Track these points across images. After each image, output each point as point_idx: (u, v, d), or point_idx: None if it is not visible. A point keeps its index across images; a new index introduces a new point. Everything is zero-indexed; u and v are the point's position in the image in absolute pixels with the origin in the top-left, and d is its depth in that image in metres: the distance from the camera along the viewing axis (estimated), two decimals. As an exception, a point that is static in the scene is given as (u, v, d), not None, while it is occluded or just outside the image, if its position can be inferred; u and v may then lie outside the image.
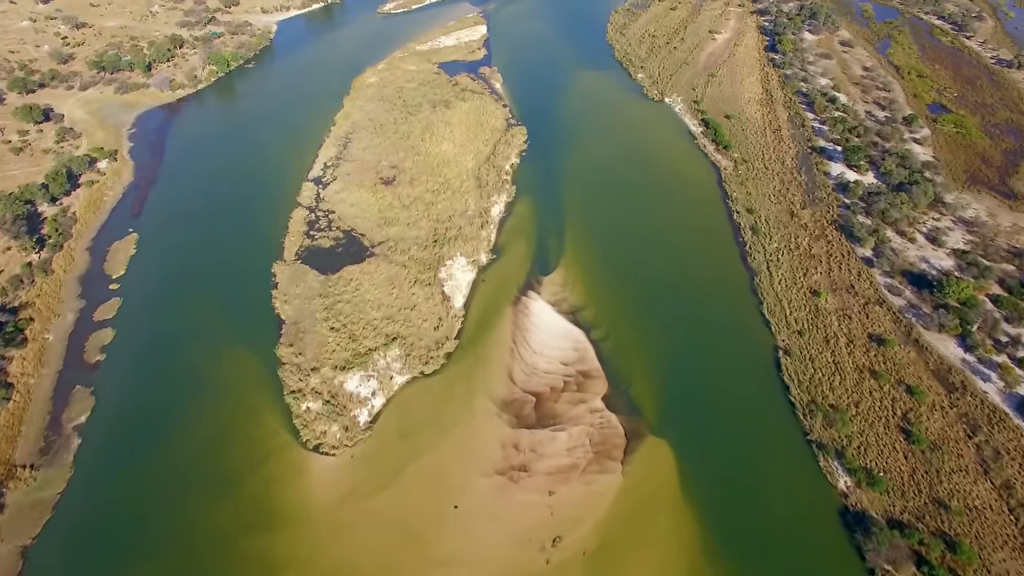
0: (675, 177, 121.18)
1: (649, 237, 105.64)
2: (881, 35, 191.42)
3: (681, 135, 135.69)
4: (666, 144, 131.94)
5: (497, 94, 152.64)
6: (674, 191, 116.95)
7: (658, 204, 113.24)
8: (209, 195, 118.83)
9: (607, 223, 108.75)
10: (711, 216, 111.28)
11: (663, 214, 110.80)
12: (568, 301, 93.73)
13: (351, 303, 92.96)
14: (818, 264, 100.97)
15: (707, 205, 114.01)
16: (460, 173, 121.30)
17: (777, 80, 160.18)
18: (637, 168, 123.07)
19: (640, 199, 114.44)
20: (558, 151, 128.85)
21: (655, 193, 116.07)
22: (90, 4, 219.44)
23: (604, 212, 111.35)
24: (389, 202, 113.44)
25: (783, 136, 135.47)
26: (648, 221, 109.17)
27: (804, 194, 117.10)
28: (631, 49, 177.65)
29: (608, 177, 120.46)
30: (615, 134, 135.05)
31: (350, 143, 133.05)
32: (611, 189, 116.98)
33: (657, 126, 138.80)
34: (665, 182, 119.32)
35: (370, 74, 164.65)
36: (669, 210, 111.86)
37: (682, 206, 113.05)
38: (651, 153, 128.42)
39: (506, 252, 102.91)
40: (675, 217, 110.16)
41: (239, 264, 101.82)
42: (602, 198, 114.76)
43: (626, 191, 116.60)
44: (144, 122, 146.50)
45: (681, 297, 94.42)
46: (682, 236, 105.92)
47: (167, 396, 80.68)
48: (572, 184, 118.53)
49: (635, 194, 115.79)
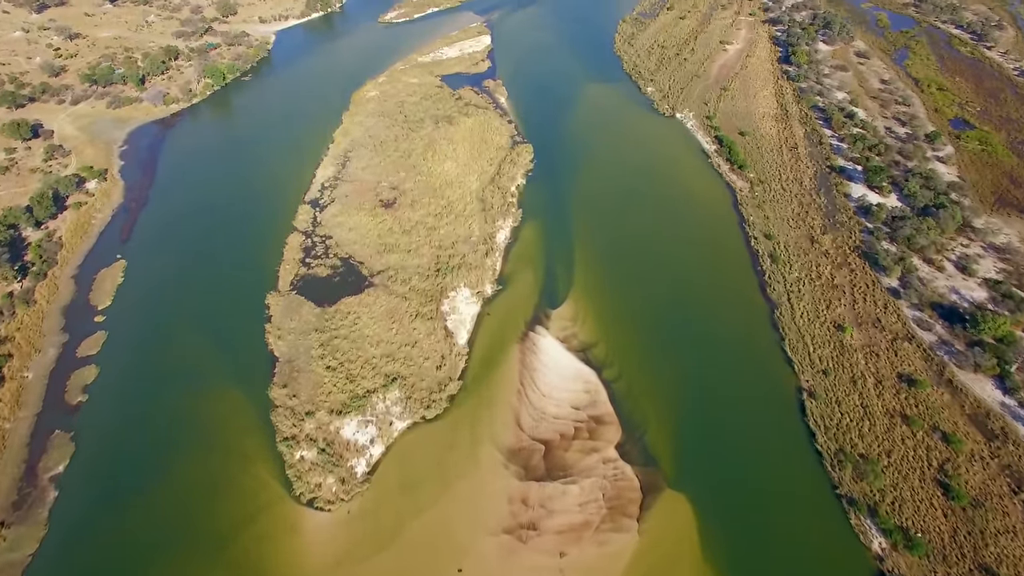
0: (689, 199, 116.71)
1: (663, 266, 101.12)
2: (898, 45, 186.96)
3: (694, 153, 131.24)
4: (679, 163, 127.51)
5: (502, 109, 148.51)
6: (688, 215, 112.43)
7: (672, 229, 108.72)
8: (201, 218, 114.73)
9: (618, 250, 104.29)
10: (727, 242, 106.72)
11: (677, 240, 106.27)
12: (578, 337, 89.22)
13: (349, 339, 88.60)
14: (841, 295, 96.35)
15: (723, 230, 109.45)
16: (463, 195, 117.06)
17: (792, 94, 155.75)
18: (649, 190, 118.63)
19: (653, 224, 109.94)
20: (566, 171, 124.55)
21: (668, 217, 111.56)
22: (85, 14, 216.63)
23: (615, 238, 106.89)
24: (389, 227, 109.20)
25: (800, 154, 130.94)
26: (662, 248, 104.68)
27: (824, 218, 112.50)
28: (640, 61, 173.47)
29: (619, 200, 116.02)
30: (625, 153, 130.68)
31: (349, 162, 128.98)
32: (622, 213, 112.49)
33: (669, 144, 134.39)
34: (679, 205, 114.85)
35: (370, 87, 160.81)
36: (683, 236, 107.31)
37: (697, 232, 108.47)
38: (663, 173, 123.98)
39: (512, 282, 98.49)
40: (690, 244, 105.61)
41: (231, 294, 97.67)
42: (613, 222, 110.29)
43: (638, 215, 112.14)
44: (136, 139, 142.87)
45: (698, 332, 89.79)
46: (698, 265, 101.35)
47: (152, 443, 76.34)
48: (581, 207, 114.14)
49: (648, 218, 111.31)
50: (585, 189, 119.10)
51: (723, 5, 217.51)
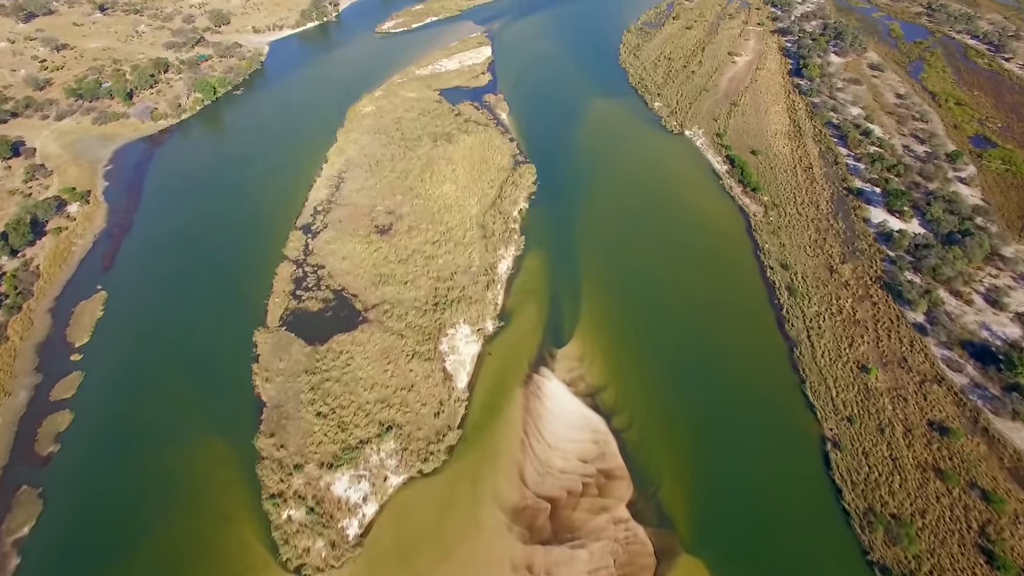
0: (700, 225, 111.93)
1: (674, 299, 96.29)
2: (912, 57, 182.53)
3: (704, 174, 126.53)
4: (689, 184, 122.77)
5: (503, 125, 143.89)
6: (700, 242, 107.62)
7: (683, 258, 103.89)
8: (187, 245, 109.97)
9: (627, 281, 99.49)
10: (742, 272, 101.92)
11: (689, 270, 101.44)
12: (586, 380, 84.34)
13: (341, 382, 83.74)
14: (864, 332, 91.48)
15: (737, 259, 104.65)
16: (463, 220, 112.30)
17: (805, 109, 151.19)
18: (659, 215, 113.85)
19: (663, 252, 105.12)
20: (571, 194, 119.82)
21: (679, 245, 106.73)
22: (73, 24, 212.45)
23: (623, 268, 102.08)
24: (384, 255, 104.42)
25: (815, 175, 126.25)
26: (673, 279, 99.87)
27: (843, 245, 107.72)
28: (646, 73, 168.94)
29: (627, 226, 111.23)
30: (632, 174, 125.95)
31: (343, 183, 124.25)
32: (630, 241, 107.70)
33: (678, 164, 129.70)
34: (690, 231, 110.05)
35: (366, 102, 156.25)
36: (695, 266, 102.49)
37: (710, 261, 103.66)
38: (673, 196, 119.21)
39: (515, 318, 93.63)
40: (702, 274, 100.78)
41: (217, 330, 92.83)
42: (621, 251, 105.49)
43: (647, 242, 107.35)
44: (122, 157, 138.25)
45: (713, 374, 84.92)
46: (711, 298, 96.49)
47: (127, 500, 71.39)
48: (587, 234, 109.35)
49: (657, 246, 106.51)
50: (591, 213, 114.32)
51: (730, 14, 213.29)
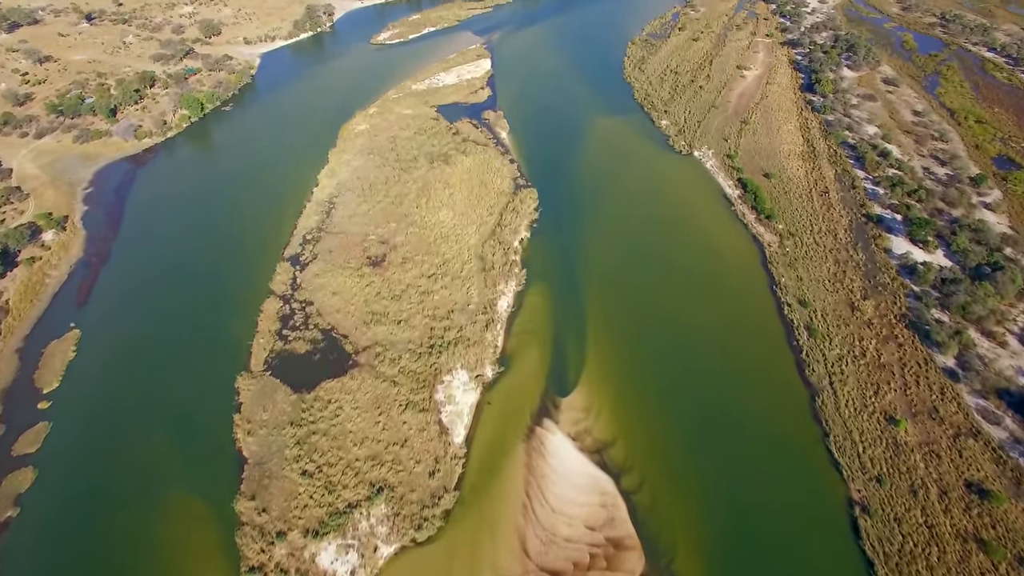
0: (712, 256, 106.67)
1: (686, 340, 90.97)
2: (927, 71, 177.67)
3: (715, 199, 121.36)
4: (699, 211, 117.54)
5: (503, 145, 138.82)
6: (713, 276, 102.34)
7: (694, 294, 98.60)
8: (168, 278, 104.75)
9: (635, 321, 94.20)
10: (758, 310, 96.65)
11: (701, 308, 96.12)
12: (592, 434, 78.92)
13: (329, 435, 78.37)
14: (891, 377, 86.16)
15: (752, 295, 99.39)
16: (461, 251, 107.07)
17: (818, 128, 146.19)
18: (668, 245, 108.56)
19: (673, 288, 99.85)
20: (575, 222, 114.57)
21: (691, 279, 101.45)
22: (59, 34, 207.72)
23: (631, 305, 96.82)
24: (377, 290, 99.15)
25: (832, 201, 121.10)
26: (684, 318, 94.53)
27: (864, 279, 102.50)
28: (652, 89, 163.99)
29: (635, 258, 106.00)
30: (640, 199, 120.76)
31: (334, 208, 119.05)
32: (639, 274, 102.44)
33: (687, 188, 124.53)
34: (702, 264, 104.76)
35: (360, 119, 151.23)
36: (708, 302, 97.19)
37: (723, 297, 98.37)
38: (683, 224, 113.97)
39: (516, 362, 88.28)
40: (716, 312, 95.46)
41: (197, 374, 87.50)
42: (628, 286, 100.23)
43: (656, 276, 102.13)
44: (103, 179, 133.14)
45: (729, 426, 79.54)
46: (726, 339, 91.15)
47: (93, 573, 65.90)
48: (592, 267, 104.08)
49: (667, 280, 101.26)
50: (596, 244, 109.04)
51: (737, 25, 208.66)
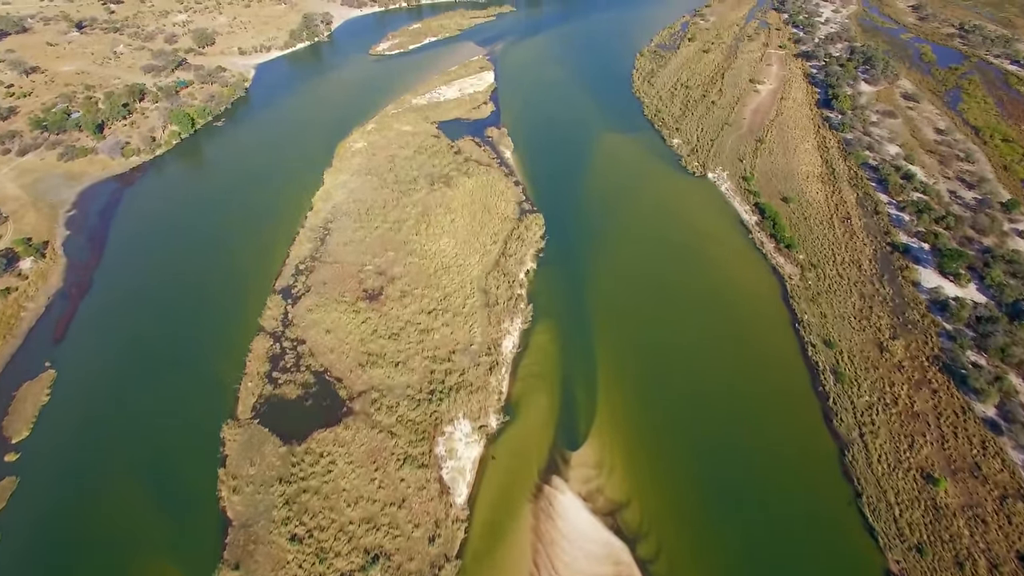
0: (731, 290, 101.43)
1: (703, 385, 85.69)
2: (948, 85, 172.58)
3: (732, 226, 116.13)
4: (716, 241, 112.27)
5: (507, 165, 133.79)
6: (732, 313, 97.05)
7: (712, 333, 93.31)
8: (152, 312, 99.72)
9: (649, 363, 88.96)
10: (780, 351, 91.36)
11: (719, 350, 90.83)
12: (605, 493, 73.59)
13: (320, 494, 73.16)
14: (925, 429, 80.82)
15: (774, 333, 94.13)
16: (463, 283, 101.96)
17: (837, 147, 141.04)
18: (683, 278, 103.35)
19: (689, 326, 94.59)
20: (583, 252, 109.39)
21: (708, 317, 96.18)
22: (47, 43, 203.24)
23: (644, 346, 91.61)
24: (374, 328, 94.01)
25: (855, 228, 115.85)
26: (701, 360, 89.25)
27: (892, 315, 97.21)
28: (662, 104, 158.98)
29: (647, 292, 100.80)
30: (652, 227, 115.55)
31: (329, 235, 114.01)
32: (652, 311, 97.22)
33: (702, 214, 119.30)
34: (719, 300, 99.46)
35: (357, 136, 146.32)
36: (727, 343, 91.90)
37: (743, 336, 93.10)
38: (699, 255, 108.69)
39: (522, 411, 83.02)
40: (735, 354, 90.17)
41: (181, 422, 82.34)
42: (641, 324, 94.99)
43: (671, 313, 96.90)
44: (87, 200, 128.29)
45: (751, 485, 74.17)
46: (746, 385, 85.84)
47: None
48: (602, 303, 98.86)
49: (682, 318, 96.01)
50: (606, 278, 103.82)
51: (749, 36, 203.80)
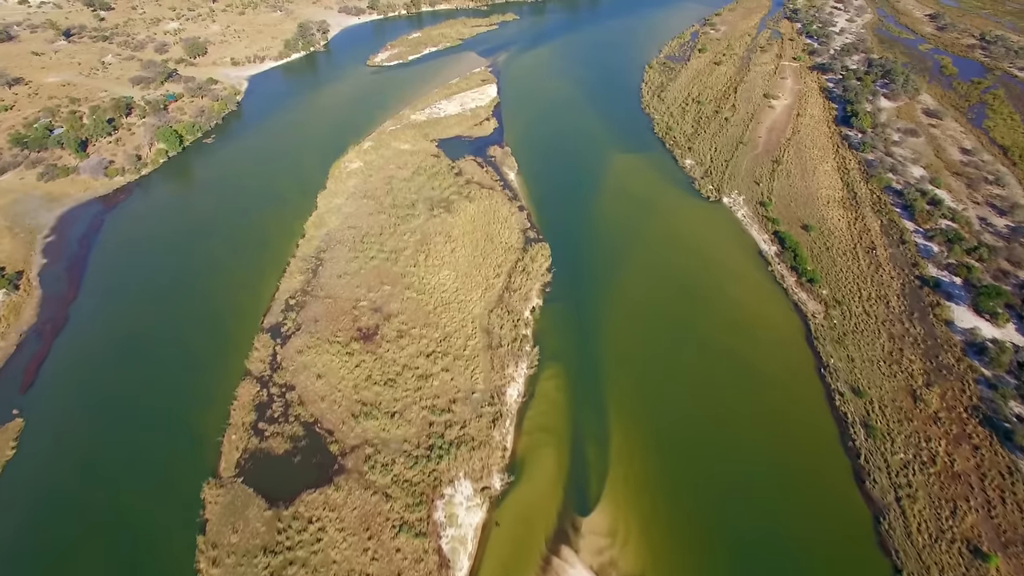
0: (751, 330, 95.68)
1: (723, 440, 79.90)
2: (971, 100, 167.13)
3: (750, 258, 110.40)
4: (733, 273, 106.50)
5: (511, 188, 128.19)
6: (751, 356, 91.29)
7: (732, 381, 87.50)
8: (131, 352, 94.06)
9: (664, 415, 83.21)
10: (805, 401, 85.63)
11: (741, 400, 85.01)
12: (619, 567, 67.77)
13: (308, 567, 67.38)
14: (969, 492, 75.04)
15: (797, 380, 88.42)
16: (464, 322, 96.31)
17: (858, 169, 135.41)
18: (699, 318, 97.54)
19: (706, 373, 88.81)
20: (592, 287, 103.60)
21: (726, 361, 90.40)
22: (33, 53, 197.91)
23: (658, 395, 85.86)
24: (368, 373, 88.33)
25: (880, 260, 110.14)
26: (721, 412, 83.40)
27: (925, 359, 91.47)
28: (673, 121, 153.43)
29: (661, 332, 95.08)
30: (665, 258, 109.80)
31: (322, 266, 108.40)
32: (666, 356, 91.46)
33: (718, 243, 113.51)
34: (737, 341, 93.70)
35: (353, 156, 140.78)
36: (748, 392, 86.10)
37: (764, 383, 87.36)
38: (715, 290, 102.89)
39: (527, 470, 77.25)
40: (757, 404, 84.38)
41: (157, 480, 76.53)
42: (655, 370, 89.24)
43: (687, 357, 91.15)
44: (66, 225, 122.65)
45: (781, 557, 68.39)
46: (770, 439, 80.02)
47: None
48: (613, 345, 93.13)
49: (698, 362, 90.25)
50: (618, 316, 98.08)
51: (761, 46, 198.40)
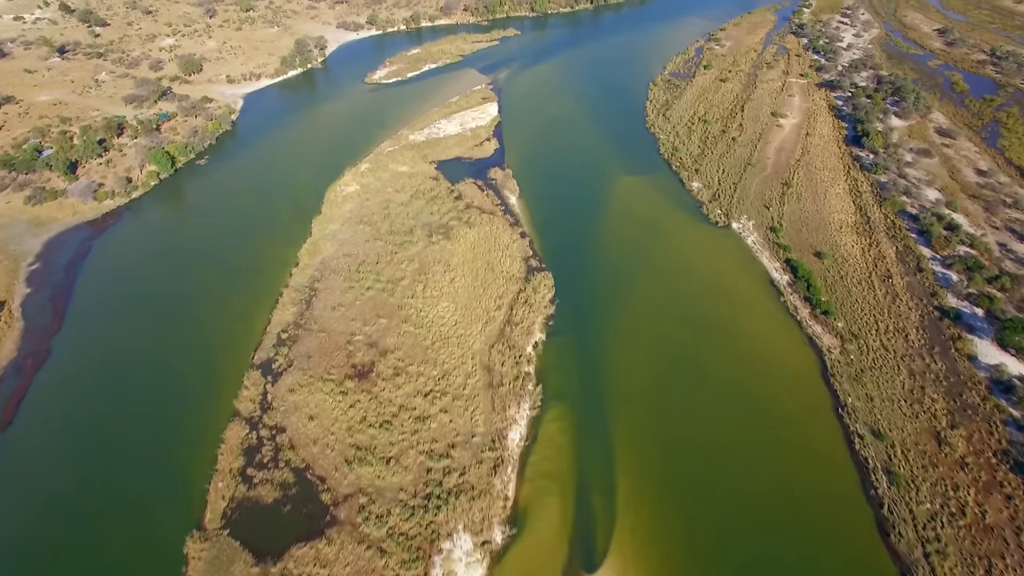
0: (764, 367, 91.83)
1: (737, 490, 75.82)
2: (984, 118, 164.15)
3: (761, 288, 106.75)
4: (744, 305, 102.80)
5: (512, 213, 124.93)
6: (765, 395, 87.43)
7: (745, 423, 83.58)
8: (115, 389, 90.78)
9: (675, 461, 79.30)
10: (822, 442, 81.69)
11: (756, 444, 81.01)
12: (630, 634, 63.81)
13: (293, 633, 63.43)
14: (1003, 548, 70.81)
15: (813, 420, 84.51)
16: (463, 359, 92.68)
17: (870, 192, 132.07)
18: (710, 354, 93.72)
19: (718, 413, 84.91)
20: (597, 320, 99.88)
21: (738, 401, 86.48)
22: (25, 71, 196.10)
23: (668, 438, 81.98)
24: (362, 414, 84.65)
25: (897, 289, 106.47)
26: (735, 458, 79.42)
27: (948, 398, 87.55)
28: (679, 141, 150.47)
29: (670, 372, 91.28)
30: (673, 288, 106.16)
31: (316, 297, 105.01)
32: (676, 396, 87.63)
33: (728, 272, 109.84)
34: (750, 379, 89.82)
35: (349, 178, 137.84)
36: (762, 434, 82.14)
37: (778, 423, 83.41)
38: (726, 323, 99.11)
39: (530, 521, 73.24)
40: (772, 449, 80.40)
41: (139, 534, 72.69)
42: (664, 412, 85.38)
43: (696, 396, 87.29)
44: (53, 252, 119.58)
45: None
46: (788, 489, 75.97)
47: None
48: (619, 384, 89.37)
49: (709, 402, 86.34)
50: (624, 351, 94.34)
51: (767, 63, 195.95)
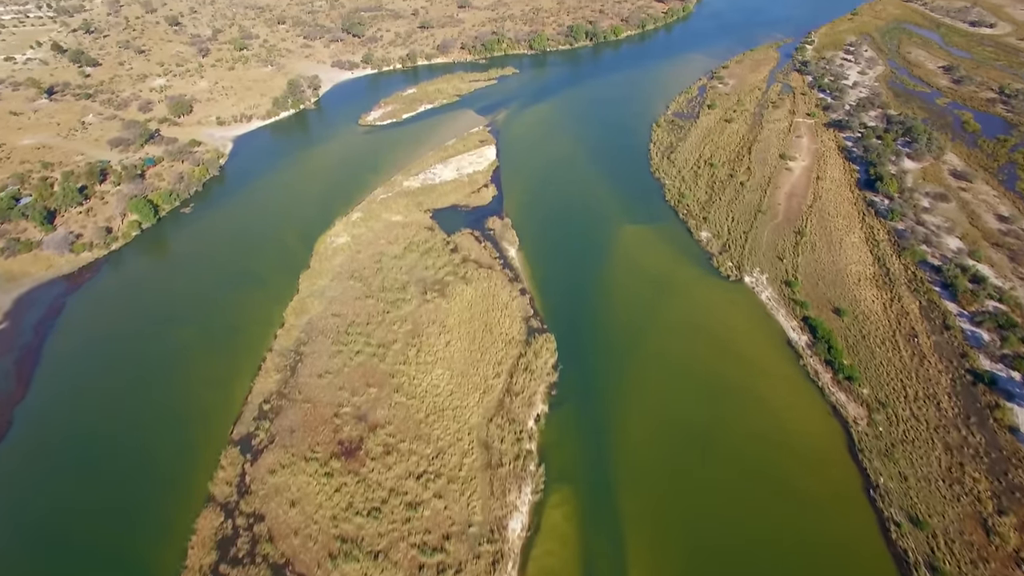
0: (784, 442, 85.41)
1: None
2: (999, 159, 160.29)
3: (778, 349, 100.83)
4: (760, 370, 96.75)
5: (511, 268, 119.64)
6: (788, 476, 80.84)
7: (768, 511, 76.80)
8: (79, 471, 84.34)
9: (688, 550, 72.51)
10: (855, 533, 74.85)
11: (780, 535, 74.21)
12: None
13: None
14: (1063, 660, 63.72)
15: (844, 506, 77.76)
16: (459, 434, 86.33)
17: (888, 240, 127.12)
18: (726, 428, 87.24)
19: (737, 498, 78.18)
20: (603, 389, 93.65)
21: (759, 483, 79.84)
22: (11, 113, 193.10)
23: (683, 524, 75.31)
24: (349, 499, 78.04)
25: (924, 349, 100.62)
26: (757, 551, 72.56)
27: (991, 477, 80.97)
28: (686, 187, 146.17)
29: (682, 448, 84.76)
30: (684, 351, 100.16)
31: (301, 362, 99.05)
32: (689, 475, 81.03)
33: (742, 333, 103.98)
34: (771, 456, 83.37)
35: (340, 229, 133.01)
36: (787, 524, 75.31)
37: (807, 513, 76.60)
38: (741, 391, 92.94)
39: (534, 632, 66.24)
40: (800, 543, 73.54)
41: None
42: (677, 495, 78.72)
43: (712, 477, 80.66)
44: (22, 310, 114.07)
45: None
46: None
47: None
48: (629, 462, 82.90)
49: (727, 485, 79.65)
50: (633, 425, 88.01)
51: (773, 102, 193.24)
